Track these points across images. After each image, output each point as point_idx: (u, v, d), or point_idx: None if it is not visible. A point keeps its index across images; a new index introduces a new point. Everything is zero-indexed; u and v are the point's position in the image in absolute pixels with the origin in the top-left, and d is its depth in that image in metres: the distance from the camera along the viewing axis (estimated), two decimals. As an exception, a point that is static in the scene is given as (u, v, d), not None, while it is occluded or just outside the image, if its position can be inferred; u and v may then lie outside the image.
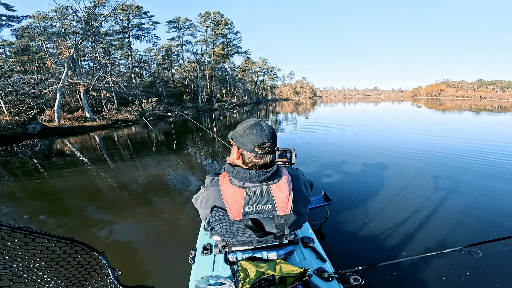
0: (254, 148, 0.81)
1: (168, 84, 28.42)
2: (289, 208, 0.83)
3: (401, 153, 4.96)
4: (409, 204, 2.71)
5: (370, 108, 23.42)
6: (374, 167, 4.09)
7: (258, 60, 56.20)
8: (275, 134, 0.85)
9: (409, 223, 2.33)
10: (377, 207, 2.68)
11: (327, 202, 2.23)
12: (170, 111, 20.89)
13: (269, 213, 0.83)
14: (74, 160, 5.73)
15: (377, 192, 3.08)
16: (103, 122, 14.05)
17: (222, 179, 0.87)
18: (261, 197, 0.82)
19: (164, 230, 2.46)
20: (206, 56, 32.80)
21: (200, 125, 6.00)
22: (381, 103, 35.01)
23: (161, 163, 5.03)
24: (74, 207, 3.10)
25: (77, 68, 15.11)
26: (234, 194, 0.82)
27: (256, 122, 0.84)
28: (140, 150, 6.64)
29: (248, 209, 0.82)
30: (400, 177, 3.55)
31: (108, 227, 2.56)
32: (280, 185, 0.84)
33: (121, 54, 24.72)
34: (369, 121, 11.58)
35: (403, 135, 7.27)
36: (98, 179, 4.17)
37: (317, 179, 3.64)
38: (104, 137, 10.13)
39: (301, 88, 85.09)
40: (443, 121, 11.04)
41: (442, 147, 5.40)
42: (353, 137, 7.21)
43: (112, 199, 3.27)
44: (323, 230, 2.31)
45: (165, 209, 2.91)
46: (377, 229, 2.26)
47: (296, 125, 11.24)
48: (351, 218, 2.48)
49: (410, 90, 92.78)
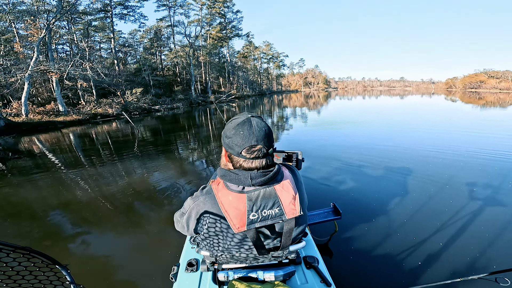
0: (241, 152, 0.80)
1: (157, 72, 28.64)
2: (297, 210, 0.84)
3: (428, 157, 4.91)
4: (433, 219, 2.67)
5: (395, 103, 23.27)
6: (395, 174, 4.05)
7: (262, 45, 56.30)
8: (269, 134, 0.84)
9: (431, 242, 2.30)
10: (395, 222, 2.65)
11: (337, 216, 2.21)
12: (158, 104, 21.05)
13: (277, 218, 0.84)
14: (43, 162, 5.79)
15: (396, 204, 3.04)
16: (79, 116, 14.22)
17: (216, 187, 0.86)
18: (266, 200, 0.82)
19: (143, 241, 2.49)
20: (201, 39, 32.92)
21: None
22: (408, 97, 34.75)
23: (145, 166, 5.05)
24: (40, 215, 3.12)
25: (50, 52, 15.21)
26: (234, 202, 0.81)
27: (245, 120, 0.83)
28: (121, 150, 6.68)
29: (253, 217, 0.82)
30: (426, 186, 3.51)
31: (79, 239, 2.58)
32: (285, 184, 0.84)
33: (102, 37, 24.99)
34: (392, 118, 11.50)
35: (433, 134, 7.20)
36: (72, 183, 4.20)
37: (325, 188, 3.61)
38: (80, 134, 10.23)
39: (313, 78, 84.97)
40: (484, 118, 10.90)
41: (483, 149, 5.33)
42: (372, 137, 7.16)
43: (86, 206, 3.30)
44: (331, 247, 2.29)
45: (147, 218, 2.93)
46: (393, 248, 2.23)
47: (306, 122, 11.22)
48: (363, 234, 2.46)
49: (444, 82, 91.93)
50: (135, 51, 29.81)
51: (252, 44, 50.58)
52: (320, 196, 3.31)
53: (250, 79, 48.28)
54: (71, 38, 20.16)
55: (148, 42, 29.63)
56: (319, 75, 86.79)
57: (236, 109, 20.17)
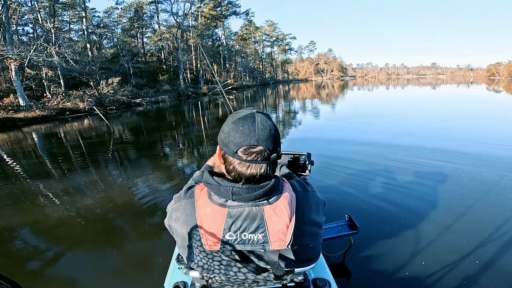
0: (236, 152, 0.80)
1: (138, 58, 28.77)
2: (287, 241, 0.81)
3: (469, 162, 4.90)
4: (472, 239, 2.66)
5: (425, 93, 23.22)
6: (427, 181, 4.05)
7: (264, 25, 56.41)
8: (274, 136, 0.83)
9: (467, 266, 2.28)
10: (423, 239, 2.65)
11: (353, 230, 2.22)
12: (140, 96, 21.14)
13: (258, 245, 0.82)
14: (1, 169, 5.83)
15: (426, 217, 3.04)
16: (43, 112, 14.29)
17: (199, 192, 0.87)
18: (249, 221, 0.80)
19: (121, 262, 2.52)
20: (191, 18, 33.03)
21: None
22: (441, 86, 34.66)
23: (125, 173, 5.07)
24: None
25: (7, 34, 15.22)
26: (211, 215, 0.81)
27: (248, 114, 0.83)
28: (96, 154, 6.72)
29: (229, 237, 0.81)
30: (467, 200, 3.51)
31: (45, 259, 2.61)
32: (278, 207, 0.81)
33: (72, 16, 25.10)
34: (423, 113, 11.47)
35: (484, 132, 7.19)
36: (37, 195, 4.23)
37: (339, 196, 3.61)
38: (45, 134, 10.28)
39: (325, 65, 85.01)
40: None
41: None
42: (397, 136, 7.15)
43: (55, 222, 3.33)
44: (345, 266, 2.32)
45: (127, 235, 2.96)
46: (420, 271, 2.23)
47: (317, 118, 11.21)
48: (384, 253, 2.46)
49: (485, 68, 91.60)
50: (112, 33, 29.93)
51: (252, 24, 50.65)
52: (333, 207, 3.33)
53: (251, 66, 48.34)
54: (35, 17, 20.27)
55: (128, 22, 29.75)
56: (333, 60, 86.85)
57: (234, 102, 20.19)
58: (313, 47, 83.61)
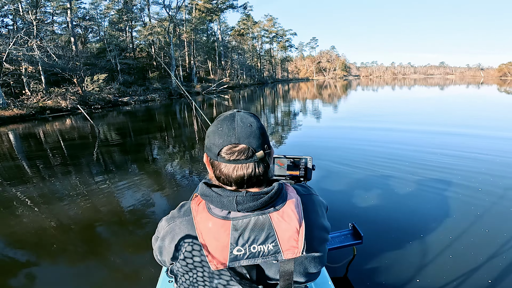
0: (219, 154, 0.81)
1: (126, 54, 28.74)
2: (300, 248, 0.81)
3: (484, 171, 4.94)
4: (483, 249, 2.67)
5: (433, 94, 23.43)
6: (436, 189, 4.05)
7: (263, 20, 56.77)
8: (257, 132, 0.83)
9: (480, 280, 2.30)
10: (432, 250, 2.66)
11: (357, 240, 2.22)
12: (128, 95, 21.09)
13: (270, 256, 0.81)
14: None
15: (435, 226, 3.05)
16: (22, 111, 14.19)
17: (195, 207, 0.85)
18: (258, 232, 0.80)
19: (106, 275, 2.49)
20: (184, 11, 33.10)
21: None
22: (449, 87, 35.01)
23: (110, 178, 5.04)
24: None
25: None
26: (214, 230, 0.80)
27: (228, 115, 0.85)
28: (79, 157, 6.67)
29: (238, 252, 0.80)
30: (478, 207, 3.53)
31: (23, 273, 2.58)
32: (285, 212, 0.82)
33: (56, 7, 25.06)
34: (431, 116, 11.57)
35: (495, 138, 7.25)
36: (14, 202, 4.18)
37: (342, 204, 3.61)
38: (23, 134, 10.20)
39: (328, 63, 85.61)
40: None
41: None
42: (405, 141, 7.20)
43: (33, 231, 3.29)
44: (349, 279, 2.31)
45: (112, 246, 2.93)
46: (428, 285, 2.23)
47: (319, 120, 11.25)
48: (391, 265, 2.46)
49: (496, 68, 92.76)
50: (98, 26, 29.91)
51: (250, 18, 50.88)
52: (336, 215, 3.32)
53: (248, 64, 48.53)
54: (15, 8, 20.20)
55: (116, 14, 29.73)
56: (336, 59, 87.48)
57: (230, 102, 20.23)
58: (315, 44, 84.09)
